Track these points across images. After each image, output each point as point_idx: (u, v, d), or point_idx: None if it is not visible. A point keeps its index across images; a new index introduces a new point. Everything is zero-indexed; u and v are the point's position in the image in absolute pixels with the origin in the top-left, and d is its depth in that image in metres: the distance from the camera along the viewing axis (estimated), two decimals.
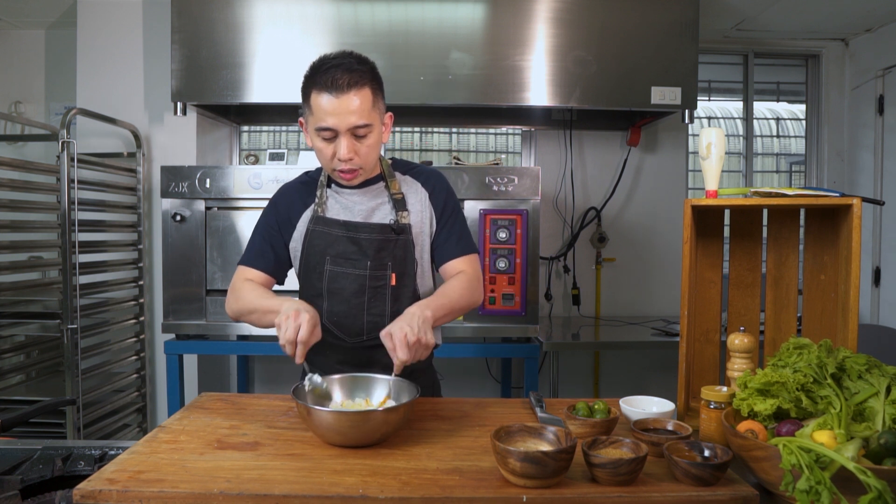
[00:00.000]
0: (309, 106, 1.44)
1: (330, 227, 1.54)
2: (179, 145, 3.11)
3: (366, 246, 1.53)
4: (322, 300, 1.55)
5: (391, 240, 1.55)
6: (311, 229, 1.55)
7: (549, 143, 3.45)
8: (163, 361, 2.85)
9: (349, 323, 1.55)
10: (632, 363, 3.52)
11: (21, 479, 1.24)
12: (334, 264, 1.54)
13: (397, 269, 1.55)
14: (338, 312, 1.55)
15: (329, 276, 1.54)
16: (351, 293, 1.54)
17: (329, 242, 1.54)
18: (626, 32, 2.78)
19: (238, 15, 2.72)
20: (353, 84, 1.40)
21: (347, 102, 1.39)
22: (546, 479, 1.01)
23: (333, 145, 1.44)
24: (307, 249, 1.56)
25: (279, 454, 1.16)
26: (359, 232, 1.54)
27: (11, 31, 3.51)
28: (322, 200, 1.57)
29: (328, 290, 1.55)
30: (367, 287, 1.54)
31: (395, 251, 1.55)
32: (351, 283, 1.54)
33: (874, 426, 1.08)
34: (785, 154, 4.07)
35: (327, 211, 1.56)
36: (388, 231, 1.55)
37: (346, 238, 1.54)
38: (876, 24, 3.35)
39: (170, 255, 2.61)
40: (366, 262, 1.53)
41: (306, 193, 1.60)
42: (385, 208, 1.58)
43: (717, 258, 1.58)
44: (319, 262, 1.55)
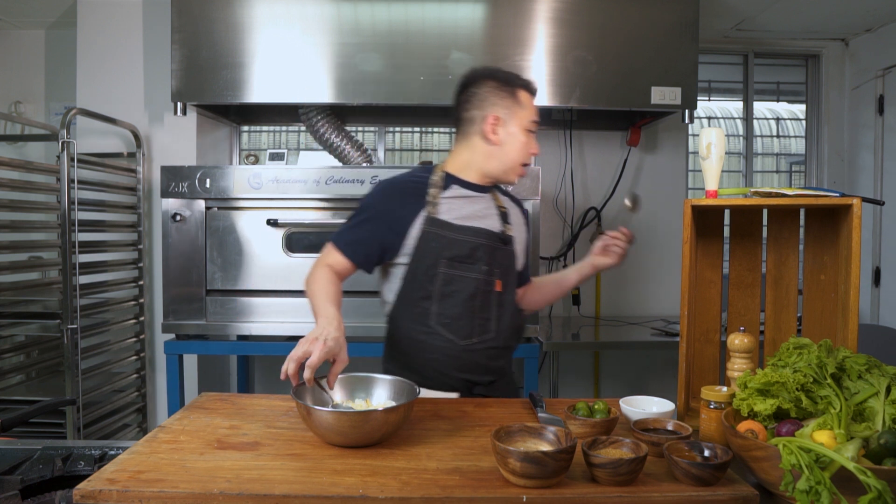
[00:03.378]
0: (518, 102, 1.58)
1: (444, 230, 1.56)
2: (179, 145, 3.11)
3: (480, 251, 1.57)
4: (431, 303, 1.56)
5: (499, 248, 1.61)
6: (426, 230, 1.55)
7: (549, 143, 3.45)
8: (163, 361, 2.85)
9: (461, 326, 1.57)
10: (632, 363, 3.52)
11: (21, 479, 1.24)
12: (450, 267, 1.56)
13: (503, 276, 1.61)
14: (450, 315, 1.56)
15: (443, 278, 1.55)
16: (465, 297, 1.56)
17: (444, 245, 1.55)
18: (626, 32, 2.78)
19: (238, 15, 2.72)
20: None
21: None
22: (546, 479, 1.01)
23: (533, 141, 1.60)
24: (419, 251, 1.55)
25: (279, 454, 1.16)
26: (476, 236, 1.58)
27: (11, 31, 3.51)
28: (435, 200, 1.58)
29: (441, 293, 1.56)
30: (479, 291, 1.57)
31: (502, 259, 1.61)
32: (466, 286, 1.56)
33: (874, 426, 1.08)
34: (785, 154, 4.07)
35: (440, 212, 1.58)
36: (498, 239, 1.61)
37: (462, 241, 1.56)
38: (876, 24, 3.35)
39: (170, 255, 2.61)
40: (480, 266, 1.57)
41: (418, 193, 1.60)
42: (493, 218, 1.64)
43: (717, 258, 1.58)
44: (433, 264, 1.55)
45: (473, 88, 1.61)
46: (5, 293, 2.67)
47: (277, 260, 2.61)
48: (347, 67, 2.73)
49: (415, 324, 1.58)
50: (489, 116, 1.58)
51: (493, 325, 1.60)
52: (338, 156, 2.96)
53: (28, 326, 2.89)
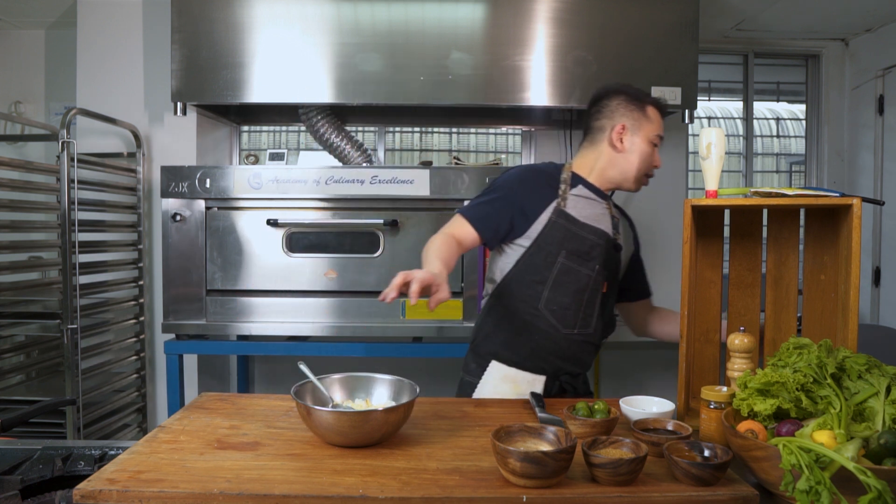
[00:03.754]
0: (646, 116, 1.72)
1: (570, 223, 1.67)
2: (179, 145, 3.10)
3: (598, 250, 1.67)
4: (544, 287, 1.67)
5: (612, 253, 1.73)
6: (554, 220, 1.66)
7: (549, 143, 3.45)
8: (163, 361, 2.85)
9: (567, 315, 1.67)
10: (632, 363, 3.52)
11: (21, 479, 1.24)
12: (568, 258, 1.66)
13: (610, 278, 1.73)
14: (559, 303, 1.66)
15: (560, 268, 1.66)
16: (576, 288, 1.67)
17: (568, 237, 1.66)
18: (626, 32, 2.77)
19: (238, 15, 2.72)
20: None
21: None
22: (546, 479, 1.01)
23: (656, 154, 1.74)
24: (544, 238, 1.66)
25: (279, 454, 1.16)
26: (597, 236, 1.68)
27: (11, 31, 3.51)
28: (565, 195, 1.70)
29: (554, 280, 1.66)
30: (589, 287, 1.67)
31: (611, 263, 1.72)
32: (579, 279, 1.67)
33: (874, 426, 1.08)
34: (785, 154, 4.07)
35: (568, 207, 1.69)
36: (611, 244, 1.72)
37: (584, 238, 1.67)
38: (876, 24, 3.35)
39: (170, 255, 2.61)
40: (595, 264, 1.68)
41: (551, 184, 1.72)
42: (608, 224, 1.74)
43: (717, 258, 1.58)
44: (553, 251, 1.66)
45: (605, 101, 1.75)
46: (5, 293, 2.66)
47: (277, 260, 2.61)
48: (347, 67, 2.73)
49: (523, 304, 1.68)
50: (617, 125, 1.72)
51: (594, 321, 1.71)
52: (338, 156, 2.96)
53: (28, 326, 2.89)
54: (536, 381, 1.68)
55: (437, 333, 2.65)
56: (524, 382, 1.68)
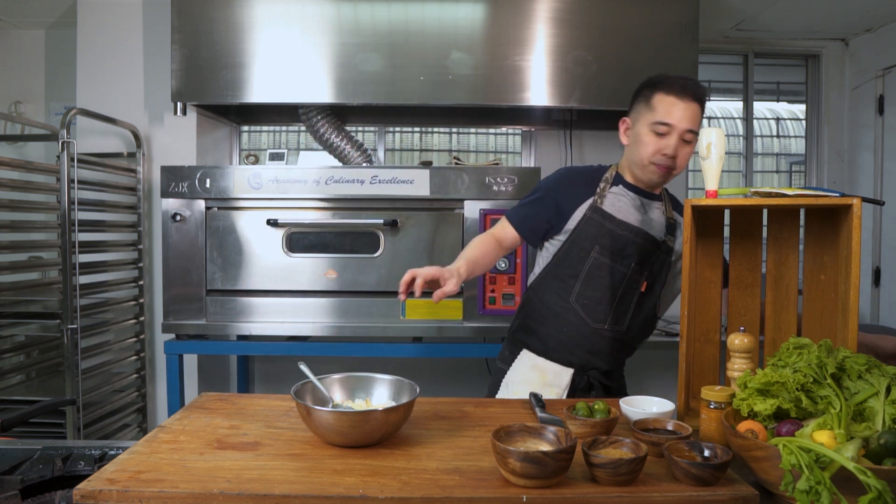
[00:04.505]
0: (648, 104, 1.65)
1: (604, 220, 1.68)
2: (179, 145, 3.10)
3: (634, 249, 1.67)
4: (576, 281, 1.69)
5: (654, 253, 1.70)
6: (588, 216, 1.68)
7: (549, 143, 3.45)
8: (163, 361, 2.85)
9: (597, 309, 1.69)
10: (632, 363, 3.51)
11: (21, 479, 1.24)
12: (601, 254, 1.67)
13: (650, 278, 1.71)
14: (590, 297, 1.68)
15: (593, 262, 1.68)
16: (608, 284, 1.68)
17: (601, 233, 1.67)
18: (626, 32, 2.77)
19: (238, 15, 2.72)
20: (696, 96, 1.63)
21: (688, 108, 1.62)
22: (546, 479, 1.01)
23: (662, 142, 1.63)
24: (578, 233, 1.69)
25: (279, 454, 1.16)
26: (634, 235, 1.68)
27: (11, 31, 3.51)
28: (603, 193, 1.71)
29: (587, 275, 1.68)
30: (623, 284, 1.67)
31: (654, 263, 1.70)
32: (612, 275, 1.67)
33: (874, 426, 1.08)
34: (785, 154, 4.07)
35: (605, 204, 1.69)
36: (656, 245, 1.70)
37: (618, 235, 1.67)
38: (876, 24, 3.35)
39: (170, 255, 2.61)
40: (630, 262, 1.67)
41: (590, 183, 1.73)
42: (658, 224, 1.73)
43: (717, 258, 1.58)
44: (587, 246, 1.68)
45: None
46: (5, 293, 2.66)
47: (277, 260, 2.61)
48: (347, 67, 2.73)
49: (555, 297, 1.72)
50: (624, 120, 1.74)
51: (627, 318, 1.71)
52: (338, 156, 2.96)
53: (28, 326, 2.89)
54: (564, 373, 1.71)
55: (437, 333, 2.65)
56: (551, 373, 1.71)
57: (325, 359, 3.08)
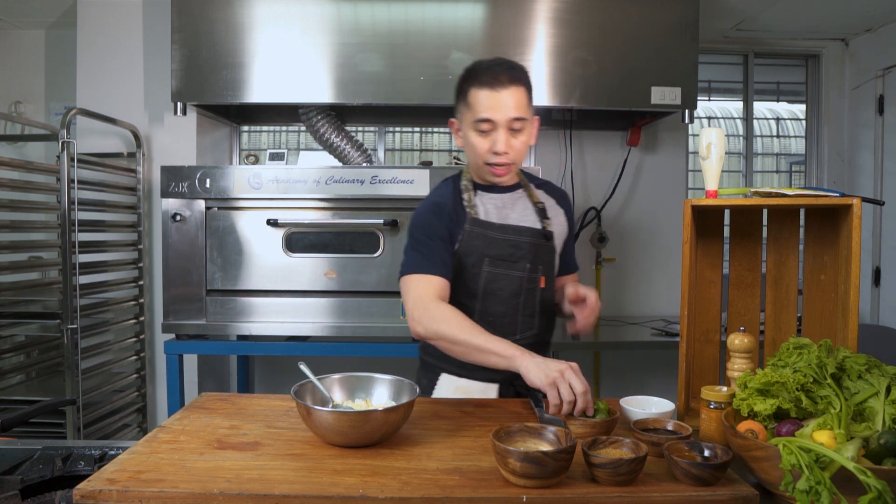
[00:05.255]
0: (466, 103, 1.53)
1: (486, 230, 1.57)
2: (179, 145, 3.11)
3: (525, 249, 1.58)
4: (476, 301, 1.58)
5: (542, 244, 1.61)
6: (469, 230, 1.57)
7: (549, 143, 3.45)
8: (163, 361, 2.85)
9: (505, 323, 1.58)
10: (632, 363, 3.52)
11: (21, 479, 1.24)
12: (493, 266, 1.57)
13: (546, 272, 1.62)
14: (493, 313, 1.57)
15: (487, 277, 1.57)
16: (509, 294, 1.58)
17: (488, 244, 1.56)
18: (626, 32, 2.77)
19: (238, 15, 2.72)
20: (512, 81, 1.49)
21: (507, 96, 1.48)
22: (546, 479, 1.01)
23: (490, 139, 1.51)
24: (463, 251, 1.57)
25: (279, 454, 1.16)
26: (519, 235, 1.58)
27: (11, 31, 3.51)
28: (472, 203, 1.60)
29: (484, 291, 1.58)
30: (523, 289, 1.58)
31: (544, 256, 1.61)
32: (510, 283, 1.58)
33: (874, 426, 1.08)
34: (785, 154, 4.07)
35: (479, 213, 1.59)
36: (541, 236, 1.61)
37: (504, 240, 1.57)
38: (876, 24, 3.35)
39: (170, 255, 2.61)
40: (524, 263, 1.58)
41: (457, 200, 1.61)
42: (529, 214, 1.63)
43: (717, 258, 1.58)
44: (477, 263, 1.57)
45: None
46: (5, 293, 2.66)
47: (277, 260, 2.61)
48: (347, 67, 2.73)
49: None
50: (451, 122, 1.64)
51: (536, 321, 1.63)
52: (338, 156, 2.96)
53: (28, 326, 2.89)
54: (489, 389, 1.61)
55: None
56: (477, 392, 1.61)
57: (325, 359, 3.08)
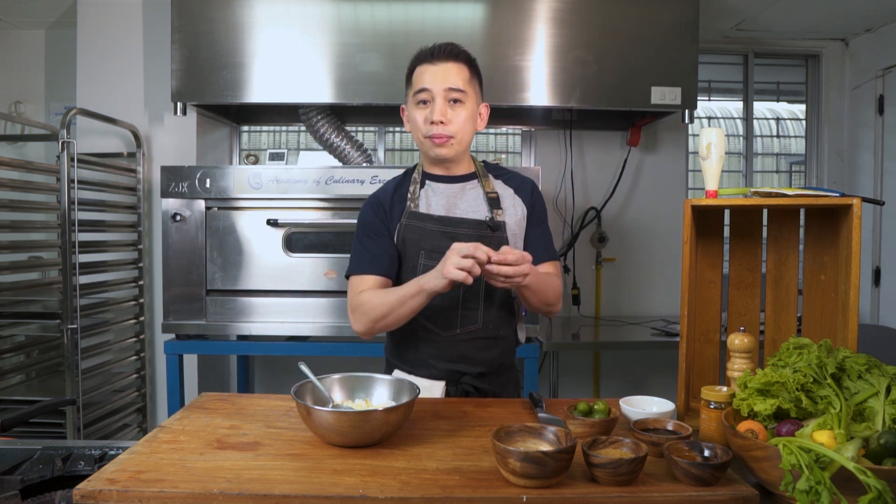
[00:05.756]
0: (410, 82, 1.58)
1: (423, 222, 1.56)
2: (179, 145, 3.11)
3: (462, 241, 1.51)
4: None
5: (486, 236, 1.56)
6: (405, 224, 1.56)
7: (549, 143, 3.45)
8: (163, 361, 2.85)
9: (443, 317, 1.56)
10: (632, 363, 3.52)
11: (21, 479, 1.24)
12: (429, 258, 1.54)
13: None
14: (432, 307, 1.53)
15: (423, 269, 1.54)
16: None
17: (423, 237, 1.55)
18: (626, 32, 2.78)
19: (238, 15, 2.72)
20: (450, 56, 1.55)
21: (444, 69, 1.54)
22: (546, 479, 1.01)
23: (428, 109, 1.54)
24: (401, 245, 1.57)
25: (279, 454, 1.16)
26: (455, 227, 1.55)
27: (11, 31, 3.51)
28: (415, 196, 1.59)
29: None
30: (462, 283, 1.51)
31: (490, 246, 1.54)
32: None
33: (874, 426, 1.08)
34: (785, 154, 4.07)
35: (419, 206, 1.58)
36: (484, 227, 1.56)
37: (440, 233, 1.55)
38: (876, 24, 3.35)
39: (170, 255, 2.61)
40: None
41: (400, 193, 1.61)
42: (479, 205, 1.60)
43: (717, 258, 1.58)
44: (413, 256, 1.56)
45: None
46: (5, 293, 2.67)
47: (277, 260, 2.61)
48: (347, 67, 2.73)
49: None
50: (402, 108, 1.65)
51: (479, 315, 1.57)
52: (338, 156, 2.96)
53: (28, 326, 2.89)
54: (435, 387, 1.58)
55: None
56: (424, 390, 1.56)
57: (325, 359, 3.08)
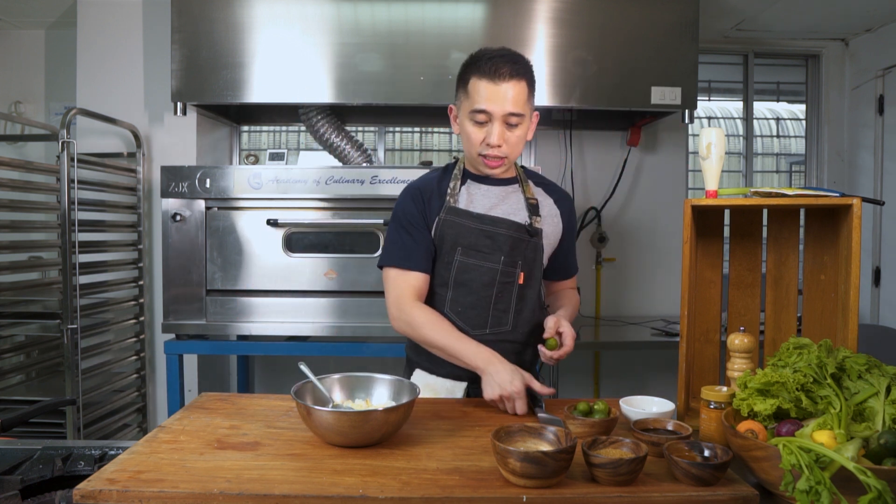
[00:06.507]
0: (465, 91, 1.52)
1: (462, 218, 1.56)
2: (179, 145, 3.11)
3: (501, 241, 1.56)
4: (447, 290, 1.57)
5: (524, 240, 1.57)
6: (444, 218, 1.56)
7: (549, 143, 3.45)
8: (163, 361, 2.85)
9: (474, 315, 1.56)
10: (632, 363, 3.52)
11: (21, 479, 1.24)
12: (465, 255, 1.55)
13: (526, 268, 1.58)
14: (463, 303, 1.56)
15: (458, 266, 1.55)
16: (480, 285, 1.55)
17: (461, 233, 1.55)
18: (626, 32, 2.77)
19: (238, 15, 2.72)
20: (514, 74, 1.48)
21: (506, 90, 1.47)
22: (546, 479, 1.01)
23: (485, 130, 1.51)
24: (438, 239, 1.57)
25: (279, 454, 1.16)
26: (495, 226, 1.56)
27: (11, 31, 3.51)
28: (455, 192, 1.59)
29: (455, 281, 1.56)
30: (496, 281, 1.56)
31: (526, 251, 1.58)
32: (482, 275, 1.55)
33: (874, 426, 1.08)
34: (785, 154, 4.07)
35: (459, 202, 1.58)
36: (523, 231, 1.57)
37: (479, 230, 1.55)
38: (876, 24, 3.35)
39: (170, 255, 2.61)
40: (499, 256, 1.55)
41: (441, 187, 1.61)
42: (519, 209, 1.60)
43: (717, 258, 1.58)
44: (450, 251, 1.56)
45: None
46: (5, 293, 2.66)
47: (277, 260, 2.61)
48: (347, 67, 2.73)
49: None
50: (450, 108, 1.63)
51: (510, 317, 1.58)
52: (338, 156, 2.96)
53: (28, 326, 2.89)
54: (457, 388, 1.58)
55: None
56: (443, 391, 1.59)
57: (325, 359, 3.08)
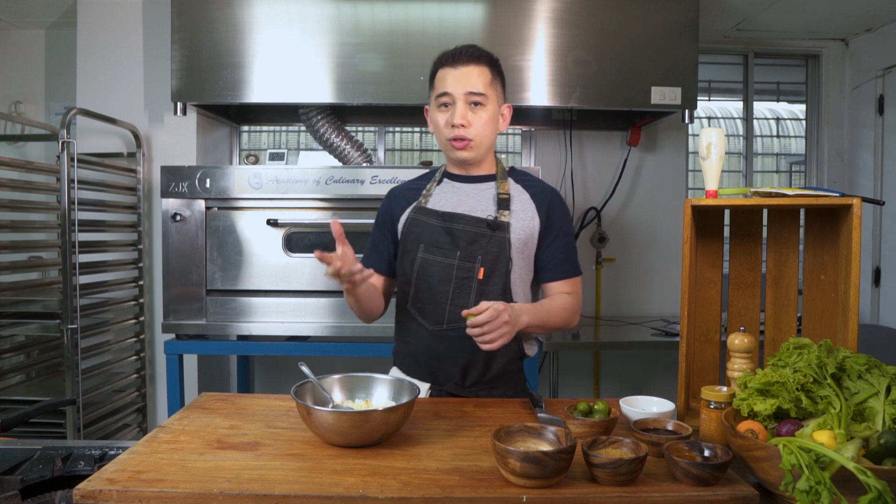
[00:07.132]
0: (433, 85, 1.59)
1: (427, 217, 1.61)
2: (179, 145, 3.11)
3: (458, 236, 1.57)
4: (409, 286, 1.61)
5: (485, 234, 1.56)
6: (412, 218, 1.62)
7: (549, 143, 3.45)
8: (163, 361, 2.85)
9: (431, 310, 1.58)
10: (632, 363, 3.52)
11: (21, 479, 1.24)
12: (426, 252, 1.59)
13: (487, 264, 1.56)
14: (422, 299, 1.59)
15: (420, 263, 1.59)
16: (437, 280, 1.57)
17: (424, 230, 1.60)
18: (626, 32, 2.77)
19: (238, 15, 2.72)
20: (473, 58, 1.55)
21: (465, 72, 1.54)
22: (546, 479, 1.01)
23: (448, 112, 1.56)
24: (404, 237, 1.63)
25: (279, 454, 1.16)
26: (453, 222, 1.58)
27: (11, 31, 3.51)
28: (429, 192, 1.65)
29: (417, 277, 1.60)
30: (453, 277, 1.57)
31: (487, 246, 1.56)
32: (439, 270, 1.57)
33: (874, 426, 1.08)
34: (785, 154, 4.07)
35: (430, 202, 1.63)
36: (483, 225, 1.57)
37: (440, 227, 1.59)
38: (876, 24, 3.35)
39: (170, 255, 2.61)
40: (455, 252, 1.57)
41: (416, 190, 1.67)
42: (487, 205, 1.61)
43: (717, 258, 1.58)
44: (413, 248, 1.60)
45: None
46: (5, 293, 2.67)
47: (277, 260, 2.61)
48: (347, 67, 2.73)
49: (400, 309, 1.65)
50: (425, 109, 1.66)
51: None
52: (338, 156, 2.96)
53: (28, 326, 2.89)
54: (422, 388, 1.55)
55: None
56: None
57: (325, 359, 3.08)
